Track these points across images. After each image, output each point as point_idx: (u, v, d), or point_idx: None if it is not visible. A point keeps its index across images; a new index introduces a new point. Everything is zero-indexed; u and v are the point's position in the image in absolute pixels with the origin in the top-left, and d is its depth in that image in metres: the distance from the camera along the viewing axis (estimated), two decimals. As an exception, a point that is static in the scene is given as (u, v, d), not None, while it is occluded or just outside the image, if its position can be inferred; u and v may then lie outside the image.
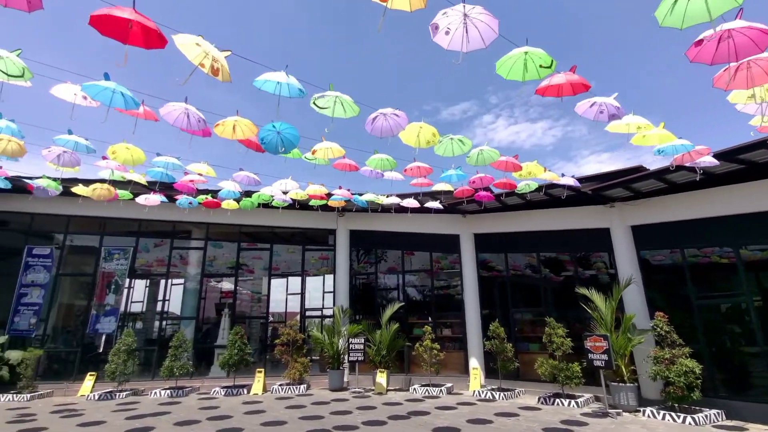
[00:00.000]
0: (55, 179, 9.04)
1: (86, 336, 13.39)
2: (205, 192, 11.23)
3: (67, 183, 10.05)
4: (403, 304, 12.67)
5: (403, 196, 10.70)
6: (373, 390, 11.35)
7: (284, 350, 11.88)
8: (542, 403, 9.46)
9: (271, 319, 17.00)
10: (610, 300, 9.63)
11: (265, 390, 11.25)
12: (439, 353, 11.34)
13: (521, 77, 4.33)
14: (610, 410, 8.50)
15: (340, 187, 9.23)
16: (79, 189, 10.06)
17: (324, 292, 19.82)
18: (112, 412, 8.89)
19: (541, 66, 4.22)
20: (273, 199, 10.65)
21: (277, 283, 22.38)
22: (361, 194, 10.62)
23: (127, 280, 13.46)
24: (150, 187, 11.21)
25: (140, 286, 18.89)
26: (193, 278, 14.61)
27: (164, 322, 15.64)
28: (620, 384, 8.90)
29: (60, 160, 6.88)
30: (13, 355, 10.80)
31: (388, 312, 12.30)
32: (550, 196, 11.13)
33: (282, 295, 17.93)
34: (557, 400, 9.35)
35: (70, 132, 6.25)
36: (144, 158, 6.88)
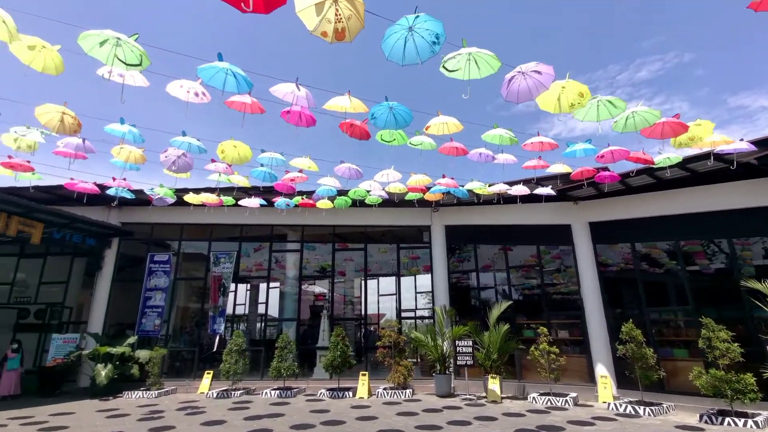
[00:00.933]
0: (170, 188, 9.55)
1: (201, 336, 14.28)
2: (301, 193, 11.28)
3: (180, 192, 10.68)
4: (511, 303, 11.50)
5: (511, 184, 9.62)
6: (485, 397, 10.37)
7: (386, 353, 11.41)
8: (706, 422, 7.74)
9: (369, 321, 16.84)
10: (798, 295, 7.59)
11: (370, 394, 10.86)
12: (558, 358, 10.03)
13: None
14: (813, 436, 6.60)
15: (443, 176, 8.49)
16: (190, 197, 10.63)
17: (416, 293, 19.25)
18: (229, 411, 9.08)
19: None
20: (369, 195, 10.26)
21: (369, 283, 22.30)
22: (461, 185, 9.78)
23: (232, 284, 14.06)
24: (250, 192, 11.52)
25: (241, 290, 20.01)
26: (291, 281, 14.89)
27: (265, 324, 16.23)
28: (822, 402, 6.90)
29: (175, 165, 7.08)
30: (142, 354, 11.70)
31: (495, 312, 11.24)
32: (690, 172, 9.30)
33: (372, 296, 17.64)
34: (727, 419, 7.57)
35: (184, 134, 6.36)
36: (250, 155, 6.81)
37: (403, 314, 15.94)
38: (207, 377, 11.86)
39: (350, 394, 10.82)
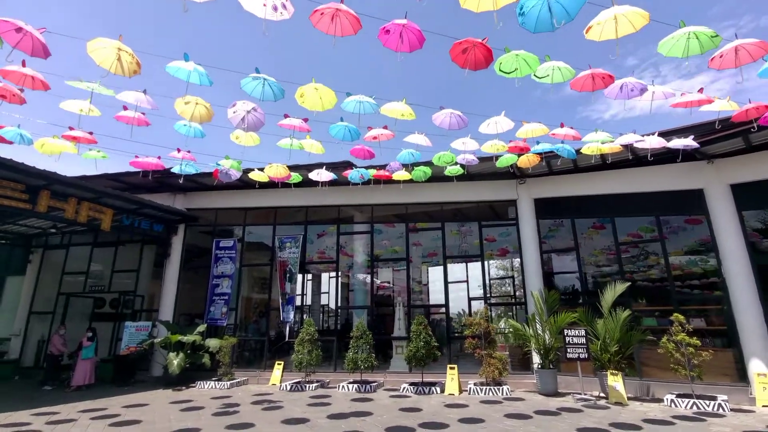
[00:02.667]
0: (236, 161, 8.67)
1: (268, 325, 13.60)
2: (374, 167, 10.09)
3: (245, 172, 9.83)
4: (629, 284, 9.57)
5: (645, 135, 7.67)
6: (603, 398, 8.64)
7: (475, 344, 9.94)
8: None
9: (440, 309, 15.47)
10: None
11: (460, 390, 9.49)
12: (699, 352, 8.09)
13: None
14: None
15: (562, 125, 6.81)
16: (255, 174, 9.74)
17: (490, 279, 17.68)
18: (308, 406, 8.09)
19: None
20: (455, 161, 8.79)
21: (434, 270, 20.90)
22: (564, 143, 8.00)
23: (298, 274, 13.16)
24: (314, 168, 10.41)
25: (306, 277, 19.37)
26: (360, 266, 13.82)
27: (337, 313, 15.27)
28: None
29: (245, 123, 6.03)
30: (212, 343, 11.09)
31: (609, 296, 9.39)
32: None
33: (442, 283, 16.25)
34: None
35: (257, 71, 5.26)
36: (335, 101, 5.60)
37: (477, 302, 14.43)
38: (278, 368, 11.07)
39: (437, 389, 9.51)
